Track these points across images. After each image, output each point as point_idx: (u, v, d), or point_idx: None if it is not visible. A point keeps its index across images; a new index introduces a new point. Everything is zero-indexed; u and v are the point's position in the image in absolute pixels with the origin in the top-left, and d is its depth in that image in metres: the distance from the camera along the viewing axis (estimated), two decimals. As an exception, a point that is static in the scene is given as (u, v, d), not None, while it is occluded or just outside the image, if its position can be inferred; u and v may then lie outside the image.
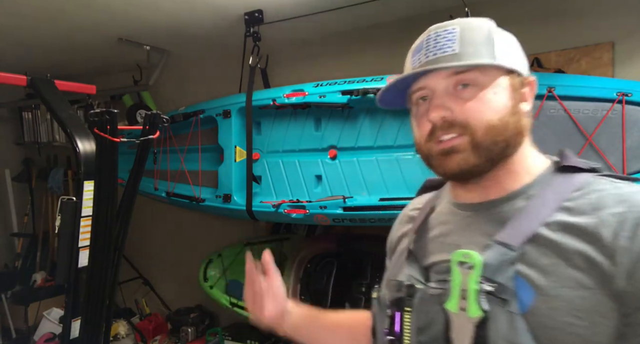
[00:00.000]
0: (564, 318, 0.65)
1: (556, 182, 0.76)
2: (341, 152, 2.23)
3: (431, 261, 0.81)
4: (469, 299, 0.68)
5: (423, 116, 0.79)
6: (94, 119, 1.78)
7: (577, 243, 0.67)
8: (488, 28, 0.78)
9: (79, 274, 1.91)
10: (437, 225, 0.86)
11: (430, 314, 0.74)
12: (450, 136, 0.75)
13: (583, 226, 0.68)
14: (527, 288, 0.67)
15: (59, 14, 2.30)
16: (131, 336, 3.28)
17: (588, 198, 0.71)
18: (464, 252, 0.70)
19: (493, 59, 0.75)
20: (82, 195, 1.89)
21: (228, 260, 2.85)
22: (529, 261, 0.69)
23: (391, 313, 0.79)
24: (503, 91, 0.75)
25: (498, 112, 0.74)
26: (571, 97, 1.70)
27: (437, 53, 0.75)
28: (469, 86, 0.74)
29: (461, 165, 0.75)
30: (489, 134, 0.73)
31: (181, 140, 2.68)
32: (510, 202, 0.76)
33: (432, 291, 0.75)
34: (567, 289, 0.66)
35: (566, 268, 0.67)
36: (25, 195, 4.03)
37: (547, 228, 0.70)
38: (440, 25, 0.79)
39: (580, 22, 2.13)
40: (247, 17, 2.40)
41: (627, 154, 1.61)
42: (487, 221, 0.77)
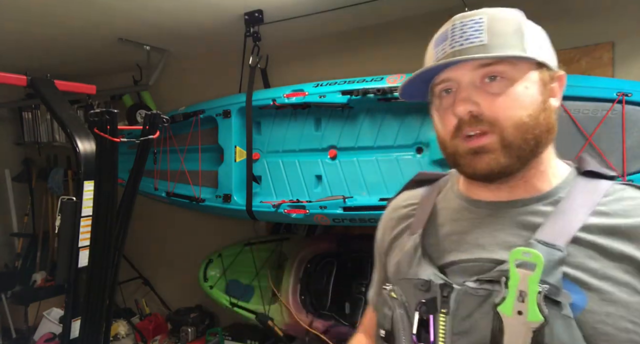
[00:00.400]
0: (620, 324, 0.62)
1: (583, 186, 0.74)
2: (341, 152, 2.23)
3: (449, 260, 0.76)
4: (529, 302, 0.63)
5: (447, 110, 0.74)
6: (94, 119, 1.78)
7: (624, 247, 0.66)
8: (518, 19, 0.74)
9: (79, 274, 1.91)
10: (448, 222, 0.81)
11: (473, 317, 0.69)
12: (476, 131, 0.70)
13: (626, 229, 0.66)
14: (578, 292, 0.64)
15: (59, 14, 2.29)
16: (131, 336, 3.28)
17: (622, 204, 0.69)
18: (523, 249, 0.65)
19: (524, 52, 0.70)
20: (82, 195, 1.89)
21: (228, 260, 2.85)
22: (575, 264, 0.66)
23: (420, 315, 0.73)
24: (533, 86, 0.71)
25: (528, 108, 0.70)
26: (571, 97, 1.70)
27: (464, 43, 0.71)
28: (498, 78, 0.70)
29: (492, 166, 0.71)
30: (519, 132, 0.69)
31: (181, 140, 2.68)
32: (540, 203, 0.73)
33: (474, 291, 0.69)
34: (623, 294, 0.63)
35: (618, 272, 0.65)
36: (25, 195, 4.03)
37: (586, 231, 0.68)
38: (466, 14, 0.75)
39: (580, 22, 2.13)
40: (247, 17, 2.40)
41: (627, 154, 1.61)
42: (515, 221, 0.73)
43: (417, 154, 2.08)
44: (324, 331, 2.38)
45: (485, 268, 0.71)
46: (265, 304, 2.61)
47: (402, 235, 0.88)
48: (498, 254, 0.71)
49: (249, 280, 2.76)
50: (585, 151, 1.66)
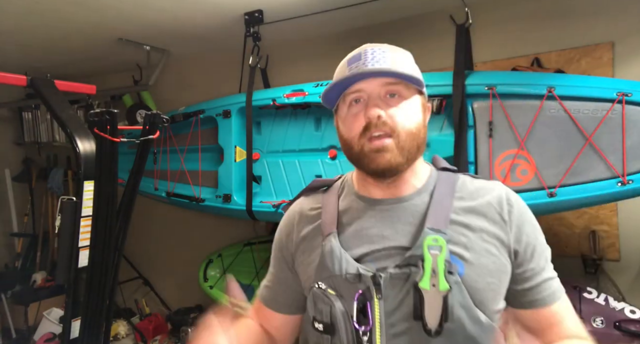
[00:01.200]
0: (485, 279, 0.86)
1: (443, 179, 0.96)
2: (341, 152, 2.23)
3: (362, 252, 0.92)
4: (439, 276, 0.82)
5: (357, 115, 0.91)
6: (94, 119, 1.78)
7: (480, 222, 0.90)
8: (409, 55, 0.98)
9: (79, 274, 1.91)
10: (354, 220, 0.96)
11: (399, 296, 0.86)
12: (380, 132, 0.88)
13: (478, 208, 0.91)
14: (459, 262, 0.86)
15: (59, 15, 2.30)
16: (131, 336, 3.28)
17: (468, 188, 0.94)
18: (433, 237, 0.85)
19: (417, 77, 0.91)
20: (82, 195, 1.89)
21: (228, 260, 2.86)
22: (454, 241, 0.87)
23: (358, 304, 0.87)
24: (418, 106, 0.94)
25: (415, 121, 0.91)
26: (571, 97, 1.70)
27: (375, 64, 0.90)
28: (396, 96, 0.91)
29: (391, 162, 0.89)
30: (409, 138, 0.90)
31: (181, 140, 2.68)
32: (419, 196, 0.94)
33: (397, 275, 0.86)
34: (484, 258, 0.87)
35: (479, 243, 0.88)
36: (25, 195, 4.03)
37: (455, 213, 0.90)
38: (374, 45, 0.96)
39: (580, 22, 2.13)
40: (247, 17, 2.41)
41: (627, 154, 1.61)
42: (405, 213, 0.93)
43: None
44: (324, 331, 2.38)
45: (393, 253, 0.89)
46: (265, 304, 2.61)
47: (311, 236, 1.00)
48: (399, 241, 0.90)
49: (249, 280, 2.76)
50: (586, 151, 1.66)
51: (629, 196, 1.67)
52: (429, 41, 2.36)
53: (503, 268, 0.89)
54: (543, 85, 1.73)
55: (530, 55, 2.23)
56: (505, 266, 0.89)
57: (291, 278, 1.04)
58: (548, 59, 2.21)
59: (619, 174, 1.62)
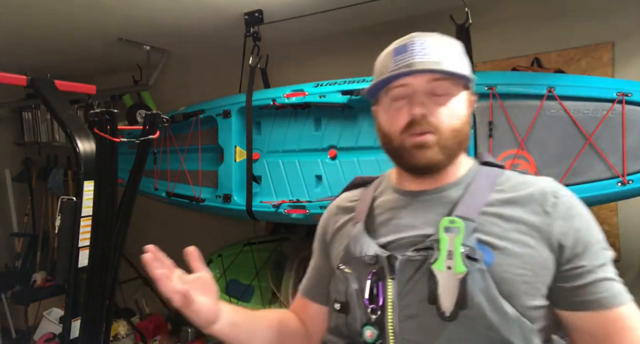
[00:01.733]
0: (517, 271, 0.82)
1: (484, 172, 0.95)
2: (341, 152, 2.23)
3: (389, 240, 0.92)
4: (455, 258, 0.81)
5: (400, 110, 0.90)
6: (94, 119, 1.78)
7: (517, 212, 0.86)
8: (460, 47, 0.94)
9: (79, 274, 1.91)
10: (386, 211, 0.98)
11: (414, 278, 0.85)
12: (424, 130, 0.87)
13: (516, 198, 0.88)
14: (487, 251, 0.83)
15: (59, 14, 2.30)
16: (131, 336, 3.28)
17: (512, 182, 0.91)
18: (449, 218, 0.84)
19: (466, 73, 0.89)
20: (82, 195, 1.89)
21: (228, 260, 2.85)
22: (484, 230, 0.85)
23: (371, 284, 0.88)
24: (464, 102, 0.91)
25: (459, 118, 0.90)
26: (571, 97, 1.70)
27: (423, 58, 0.87)
28: (442, 92, 0.88)
29: (431, 159, 0.88)
30: (452, 136, 0.88)
31: (181, 140, 2.68)
32: (455, 187, 0.93)
33: (413, 257, 0.86)
34: (519, 248, 0.84)
35: (514, 233, 0.85)
36: (25, 195, 4.03)
37: (490, 205, 0.88)
38: (423, 34, 0.92)
39: (580, 22, 2.13)
40: (247, 17, 2.41)
41: (627, 154, 1.61)
42: (437, 203, 0.92)
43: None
44: (324, 331, 2.38)
45: (418, 241, 0.88)
46: (265, 304, 2.61)
47: (345, 225, 1.04)
48: (426, 230, 0.89)
49: (249, 280, 2.76)
50: (586, 151, 1.66)
51: (629, 196, 1.67)
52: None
53: (542, 261, 0.84)
54: (543, 85, 1.73)
55: (530, 55, 2.23)
56: (546, 260, 0.84)
57: (327, 267, 1.06)
58: (548, 59, 2.21)
59: (619, 174, 1.62)
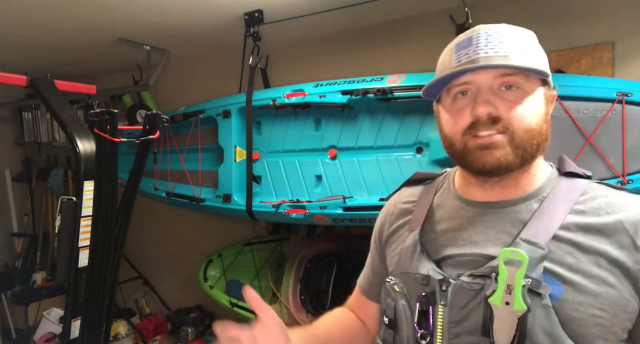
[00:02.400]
0: (590, 311, 0.72)
1: (563, 186, 0.82)
2: (341, 152, 2.23)
3: (445, 254, 0.84)
4: (515, 294, 0.72)
5: (462, 109, 0.80)
6: (94, 119, 1.78)
7: (597, 243, 0.74)
8: (533, 39, 0.83)
9: (79, 274, 1.91)
10: (445, 220, 0.88)
11: (468, 307, 0.77)
12: (489, 132, 0.77)
13: (599, 226, 0.75)
14: (555, 284, 0.73)
15: (59, 14, 2.29)
16: (131, 336, 3.28)
17: (597, 202, 0.78)
18: (511, 249, 0.73)
19: (541, 68, 0.79)
20: (82, 195, 1.89)
21: (228, 260, 2.85)
22: (555, 259, 0.75)
23: (421, 306, 0.81)
24: (540, 99, 0.81)
25: (536, 117, 0.79)
26: (571, 97, 1.70)
27: (489, 52, 0.77)
28: (514, 88, 0.78)
29: (501, 160, 0.78)
30: (527, 136, 0.78)
31: (181, 140, 2.68)
32: (527, 202, 0.81)
33: (469, 285, 0.77)
34: (595, 285, 0.73)
35: (591, 267, 0.74)
36: (25, 195, 4.02)
37: (565, 229, 0.76)
38: (489, 26, 0.82)
39: (580, 22, 2.13)
40: (247, 17, 2.40)
41: (627, 154, 1.61)
42: (504, 219, 0.81)
43: (417, 154, 2.08)
44: (324, 331, 2.38)
45: (478, 262, 0.79)
46: (265, 304, 2.60)
47: (400, 230, 0.96)
48: (489, 250, 0.80)
49: (249, 280, 2.76)
50: (586, 151, 1.66)
51: (629, 196, 1.67)
52: (429, 41, 2.36)
53: (623, 303, 0.73)
54: (543, 85, 1.73)
55: (530, 55, 2.23)
56: (628, 301, 0.73)
57: (383, 268, 1.01)
58: (548, 59, 2.21)
59: (619, 174, 1.62)
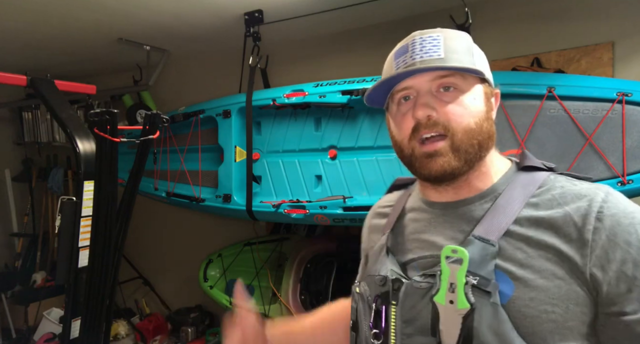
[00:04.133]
0: (541, 307, 0.71)
1: (520, 180, 0.82)
2: (341, 152, 2.23)
3: (410, 257, 0.86)
4: (458, 292, 0.72)
5: (406, 114, 0.82)
6: (94, 119, 1.78)
7: (547, 237, 0.74)
8: (468, 39, 0.84)
9: (79, 274, 1.91)
10: (411, 222, 0.91)
11: (417, 307, 0.78)
12: (431, 133, 0.79)
13: (549, 219, 0.75)
14: (506, 281, 0.73)
15: (59, 14, 2.29)
16: (131, 336, 3.28)
17: (551, 194, 0.78)
18: (452, 247, 0.74)
19: (475, 66, 0.80)
20: (82, 195, 1.89)
21: (228, 260, 2.85)
22: (506, 255, 0.74)
23: (376, 307, 0.83)
24: (479, 97, 0.81)
25: (475, 116, 0.80)
26: (571, 97, 1.70)
27: (424, 56, 0.80)
28: (451, 89, 0.80)
29: (445, 167, 0.79)
30: (466, 137, 0.78)
31: (181, 140, 2.68)
32: (481, 200, 0.82)
33: (418, 284, 0.79)
34: (544, 280, 0.72)
35: (540, 261, 0.73)
36: (25, 195, 4.02)
37: (517, 224, 0.76)
38: (424, 31, 0.83)
39: (580, 22, 2.13)
40: (247, 17, 2.40)
41: (627, 154, 1.61)
42: (460, 219, 0.82)
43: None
44: (324, 331, 2.38)
45: (435, 263, 0.80)
46: (265, 304, 2.61)
47: (377, 234, 0.98)
48: None
49: (249, 280, 2.76)
50: (586, 151, 1.66)
51: (629, 196, 1.66)
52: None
53: (574, 296, 0.71)
54: (543, 85, 1.73)
55: (530, 55, 2.23)
56: (578, 295, 0.71)
57: None
58: (548, 59, 2.21)
59: (619, 174, 1.62)
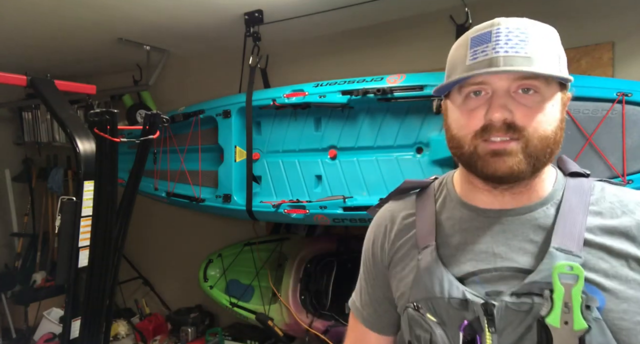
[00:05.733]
0: (635, 318, 0.68)
1: (572, 187, 0.78)
2: (341, 152, 2.23)
3: (467, 271, 0.77)
4: (574, 312, 0.66)
5: (475, 111, 0.75)
6: (94, 119, 1.77)
7: (625, 246, 0.71)
8: (556, 38, 0.78)
9: (79, 274, 1.91)
10: (457, 232, 0.82)
11: (518, 331, 0.71)
12: (503, 138, 0.73)
13: (621, 228, 0.72)
14: (597, 293, 0.69)
15: (59, 14, 2.29)
16: (131, 336, 3.28)
17: (609, 202, 0.76)
18: (567, 264, 0.68)
19: (560, 72, 0.74)
20: (82, 195, 1.89)
21: (228, 260, 2.85)
22: (590, 267, 0.70)
23: (465, 336, 0.74)
24: (557, 105, 0.76)
25: (552, 124, 0.74)
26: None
27: (509, 51, 0.72)
28: (532, 92, 0.73)
29: (513, 168, 0.73)
30: (541, 145, 0.73)
31: (181, 140, 2.68)
32: (543, 207, 0.77)
33: (516, 306, 0.71)
34: (633, 291, 0.69)
35: (625, 271, 0.70)
36: (25, 195, 4.02)
37: (590, 233, 0.73)
38: (510, 20, 0.76)
39: (580, 22, 2.13)
40: (247, 17, 2.40)
41: (627, 154, 1.61)
42: (524, 227, 0.76)
43: (417, 154, 2.08)
44: (324, 331, 2.38)
45: (507, 276, 0.74)
46: (265, 304, 2.61)
47: (404, 247, 0.87)
48: (517, 262, 0.74)
49: (249, 280, 2.76)
50: (586, 151, 1.66)
51: (629, 196, 1.67)
52: (429, 41, 2.36)
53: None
54: (543, 85, 1.73)
55: (530, 55, 2.23)
56: None
57: (387, 295, 0.92)
58: (548, 59, 2.21)
59: (619, 174, 1.62)
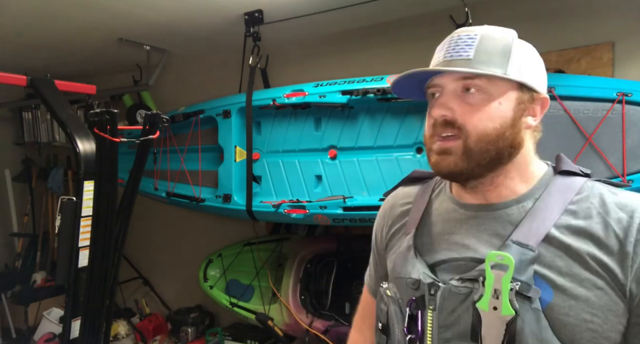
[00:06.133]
0: (580, 315, 0.71)
1: (557, 185, 0.81)
2: (341, 152, 2.23)
3: (439, 259, 0.84)
4: (502, 299, 0.71)
5: (430, 111, 0.83)
6: (94, 119, 1.77)
7: (588, 247, 0.73)
8: (508, 40, 0.81)
9: (79, 274, 1.91)
10: (440, 222, 0.88)
11: (456, 312, 0.77)
12: (447, 133, 0.78)
13: (589, 230, 0.74)
14: (545, 287, 0.72)
15: (59, 14, 2.29)
16: (131, 336, 3.28)
17: (590, 202, 0.77)
18: (497, 253, 0.73)
19: (504, 72, 0.77)
20: (82, 195, 1.89)
21: (228, 260, 2.86)
22: (545, 262, 0.74)
23: (411, 311, 0.81)
24: (507, 103, 0.78)
25: (495, 122, 0.77)
26: (571, 97, 1.70)
27: (454, 55, 0.79)
28: (473, 91, 0.77)
29: (450, 167, 0.79)
30: (481, 142, 0.77)
31: (181, 140, 2.68)
32: (519, 204, 0.80)
33: (457, 289, 0.77)
34: (584, 289, 0.71)
35: (580, 270, 0.72)
36: (25, 195, 4.02)
37: (556, 230, 0.75)
38: (465, 29, 0.82)
39: (580, 22, 2.13)
40: (247, 17, 2.40)
41: (627, 154, 1.61)
42: (496, 222, 0.81)
43: (417, 154, 2.08)
44: (324, 331, 2.38)
45: (470, 266, 0.79)
46: (265, 304, 2.61)
47: (398, 233, 0.96)
48: (480, 253, 0.79)
49: (249, 280, 2.76)
50: (586, 151, 1.66)
51: (629, 196, 1.67)
52: (429, 41, 2.36)
53: (614, 308, 0.71)
54: (543, 85, 1.73)
55: (530, 55, 2.23)
56: (618, 306, 0.71)
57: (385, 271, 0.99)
58: (548, 59, 2.19)
59: (619, 174, 1.62)
